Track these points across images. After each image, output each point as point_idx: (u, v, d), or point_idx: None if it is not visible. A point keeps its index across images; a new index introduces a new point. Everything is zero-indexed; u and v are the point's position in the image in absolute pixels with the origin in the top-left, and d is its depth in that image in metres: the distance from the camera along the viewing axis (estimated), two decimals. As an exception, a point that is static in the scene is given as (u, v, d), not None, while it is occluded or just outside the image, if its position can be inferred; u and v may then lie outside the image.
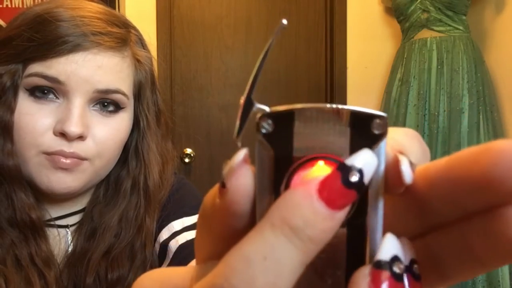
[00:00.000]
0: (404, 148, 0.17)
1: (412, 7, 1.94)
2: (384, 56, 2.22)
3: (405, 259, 0.16)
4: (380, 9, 2.25)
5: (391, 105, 2.02)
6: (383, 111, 2.20)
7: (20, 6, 2.05)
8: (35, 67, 0.52)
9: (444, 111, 1.83)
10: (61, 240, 0.59)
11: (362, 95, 2.25)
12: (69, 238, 0.59)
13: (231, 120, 2.24)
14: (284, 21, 0.19)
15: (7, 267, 0.53)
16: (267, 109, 0.18)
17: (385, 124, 0.16)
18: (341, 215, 0.15)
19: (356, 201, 0.16)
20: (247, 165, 0.17)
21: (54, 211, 0.59)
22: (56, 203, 0.59)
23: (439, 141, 1.83)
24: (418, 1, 1.92)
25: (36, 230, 0.55)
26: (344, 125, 0.16)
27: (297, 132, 0.17)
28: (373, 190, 0.16)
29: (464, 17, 1.87)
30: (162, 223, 0.60)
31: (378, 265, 0.15)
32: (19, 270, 0.54)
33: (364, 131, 0.16)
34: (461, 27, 1.87)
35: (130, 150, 0.59)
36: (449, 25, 1.87)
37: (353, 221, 0.16)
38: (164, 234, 0.59)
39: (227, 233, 0.17)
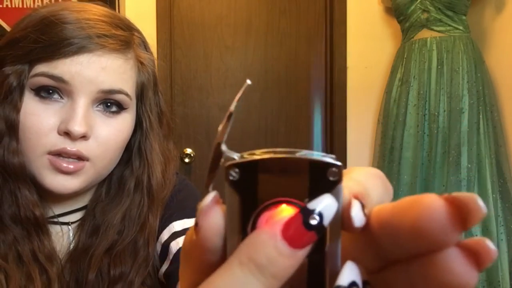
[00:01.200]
0: (365, 189, 0.19)
1: (412, 7, 1.94)
2: (384, 56, 2.22)
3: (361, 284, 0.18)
4: (380, 9, 2.25)
5: (391, 105, 2.02)
6: (383, 111, 2.20)
7: (20, 6, 2.05)
8: (41, 68, 0.53)
9: (444, 111, 1.83)
10: (64, 237, 0.60)
11: (362, 95, 2.25)
12: (71, 234, 0.61)
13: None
14: (248, 81, 0.21)
15: (8, 263, 0.54)
16: (235, 157, 0.20)
17: (340, 172, 0.18)
18: (302, 253, 0.17)
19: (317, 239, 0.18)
20: (217, 206, 0.19)
21: (57, 208, 0.60)
22: (59, 201, 0.60)
23: (439, 141, 1.83)
24: (418, 1, 1.92)
25: (39, 226, 0.56)
26: (304, 172, 0.19)
27: (262, 179, 0.19)
28: (332, 228, 0.18)
29: (464, 17, 1.87)
30: (164, 223, 0.61)
31: None
32: (21, 266, 0.55)
33: (321, 178, 0.18)
34: (461, 27, 1.87)
35: (134, 150, 0.61)
36: (449, 25, 1.87)
37: (314, 253, 0.18)
38: (165, 234, 0.60)
39: (203, 266, 0.19)
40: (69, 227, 0.61)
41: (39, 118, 0.53)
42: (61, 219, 0.61)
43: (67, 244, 0.60)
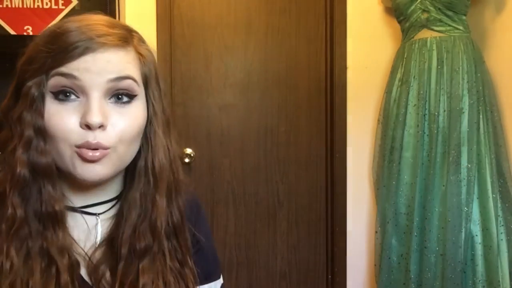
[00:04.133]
0: None
1: (412, 7, 1.94)
2: (384, 56, 2.22)
3: None
4: (380, 9, 2.25)
5: (391, 105, 2.02)
6: (383, 111, 2.21)
7: (20, 6, 2.05)
8: (55, 71, 0.61)
9: (444, 111, 1.83)
10: (91, 227, 0.68)
11: (362, 95, 2.25)
12: (99, 225, 0.69)
13: (231, 120, 2.24)
14: None
15: (18, 257, 0.60)
16: None
17: None
18: None
19: None
20: None
21: (84, 200, 0.68)
22: (88, 193, 0.68)
23: (439, 141, 1.83)
24: (418, 1, 1.92)
25: (56, 220, 0.63)
26: None
27: None
28: None
29: (464, 17, 1.87)
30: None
31: None
32: (28, 260, 0.61)
33: None
34: (461, 27, 1.87)
35: (141, 136, 0.68)
36: (449, 25, 1.87)
37: None
38: None
39: None
40: (97, 217, 0.69)
41: (61, 117, 0.61)
42: (89, 210, 0.68)
43: (94, 234, 0.68)
